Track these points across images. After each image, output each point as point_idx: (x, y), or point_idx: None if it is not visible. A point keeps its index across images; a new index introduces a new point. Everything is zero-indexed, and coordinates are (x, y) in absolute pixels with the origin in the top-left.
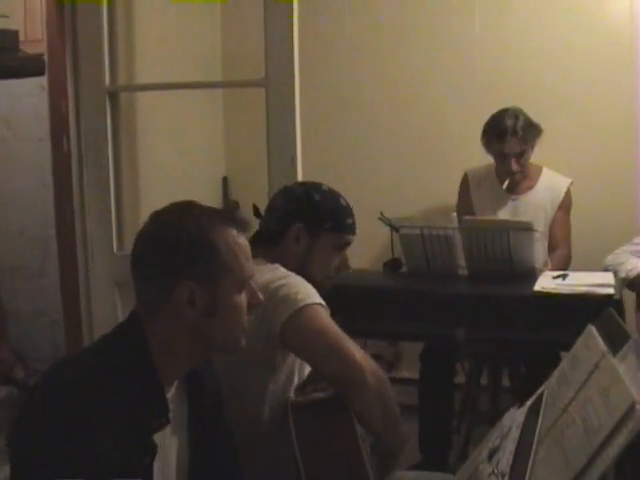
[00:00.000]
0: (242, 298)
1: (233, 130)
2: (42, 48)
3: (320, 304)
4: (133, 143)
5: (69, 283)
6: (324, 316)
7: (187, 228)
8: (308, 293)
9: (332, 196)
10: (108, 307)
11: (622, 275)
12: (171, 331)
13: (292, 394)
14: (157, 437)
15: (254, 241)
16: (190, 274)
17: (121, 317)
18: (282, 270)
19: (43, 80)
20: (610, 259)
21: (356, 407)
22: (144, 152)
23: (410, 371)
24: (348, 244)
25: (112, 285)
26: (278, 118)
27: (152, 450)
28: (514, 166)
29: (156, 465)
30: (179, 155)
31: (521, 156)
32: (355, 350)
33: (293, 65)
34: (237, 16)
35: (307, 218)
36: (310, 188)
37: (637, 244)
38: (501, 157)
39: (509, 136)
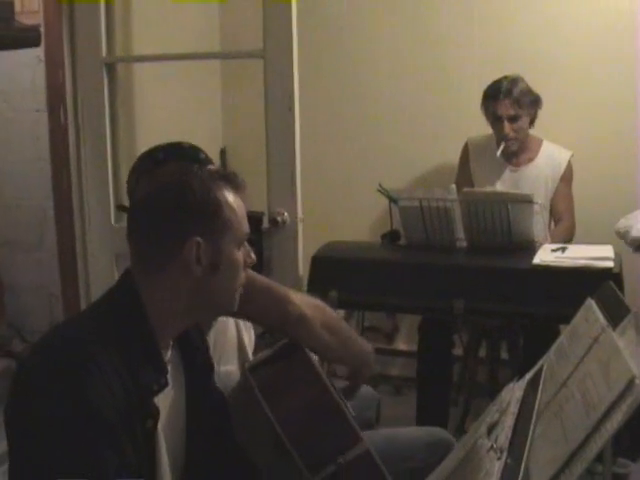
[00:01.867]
0: (240, 255)
1: (231, 102)
2: (38, 19)
3: None
4: (130, 114)
5: (67, 256)
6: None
7: (192, 185)
8: None
9: None
10: (106, 280)
11: (633, 234)
12: (174, 289)
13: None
14: (157, 400)
15: None
16: (196, 231)
17: None
18: None
19: (39, 51)
20: (622, 221)
21: (306, 341)
22: (141, 123)
23: (408, 343)
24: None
25: (110, 257)
26: (276, 90)
27: (154, 413)
28: (507, 129)
29: (159, 427)
30: (177, 127)
31: (515, 120)
32: (283, 289)
33: (292, 36)
34: None
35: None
36: None
37: None
38: (496, 121)
39: (502, 96)
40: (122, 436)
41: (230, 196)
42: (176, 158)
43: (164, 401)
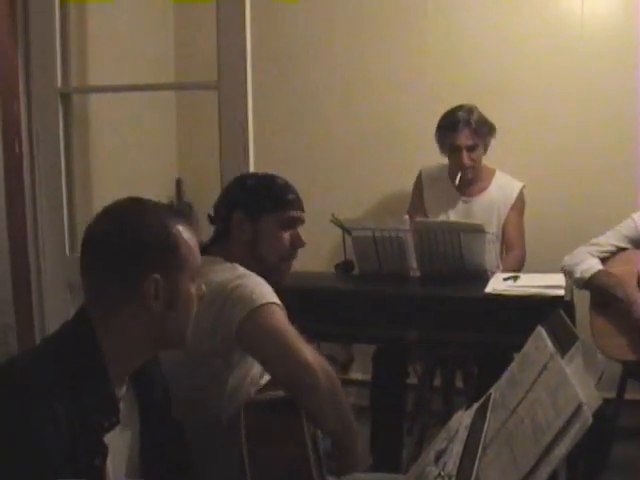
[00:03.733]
0: (194, 289)
1: (186, 132)
2: None
3: (275, 303)
4: (85, 145)
5: (21, 286)
6: (279, 316)
7: (149, 222)
8: (264, 293)
9: (266, 178)
10: (61, 309)
11: (577, 275)
12: (131, 325)
13: (252, 393)
14: (108, 437)
15: (211, 245)
16: (154, 267)
17: None
18: (240, 270)
19: None
20: (567, 259)
21: (309, 409)
22: (97, 154)
23: (363, 373)
24: (295, 220)
25: (64, 287)
26: (230, 121)
27: (103, 451)
28: (466, 159)
29: (109, 465)
30: (132, 157)
31: (473, 150)
32: (307, 351)
33: (246, 68)
34: (190, 18)
35: (244, 204)
36: (242, 176)
37: (595, 244)
38: (453, 151)
39: (462, 126)
40: (66, 474)
41: (185, 231)
42: (265, 191)
43: (116, 438)
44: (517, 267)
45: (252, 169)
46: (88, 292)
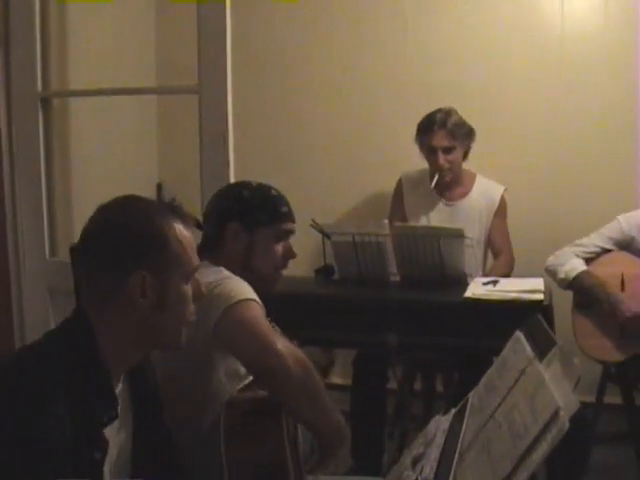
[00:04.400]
0: (189, 289)
1: (167, 136)
2: None
3: (254, 300)
4: (66, 149)
5: (1, 290)
6: (255, 311)
7: (138, 219)
8: (242, 291)
9: (261, 189)
10: (40, 314)
11: (561, 276)
12: (122, 322)
13: (234, 392)
14: (106, 432)
15: (199, 251)
16: (142, 265)
17: (53, 324)
18: (225, 272)
19: None
20: (551, 259)
21: (281, 397)
22: (77, 158)
23: (344, 377)
24: (288, 232)
25: (44, 292)
26: (211, 125)
27: (103, 446)
28: (441, 160)
29: (106, 460)
30: (113, 161)
31: (449, 152)
32: (280, 343)
33: (226, 72)
34: (171, 22)
35: (240, 216)
36: (238, 186)
37: (579, 245)
38: (430, 152)
39: (437, 128)
40: (68, 467)
41: (178, 229)
42: (261, 203)
43: (111, 434)
44: (508, 271)
45: (232, 173)
46: (83, 289)
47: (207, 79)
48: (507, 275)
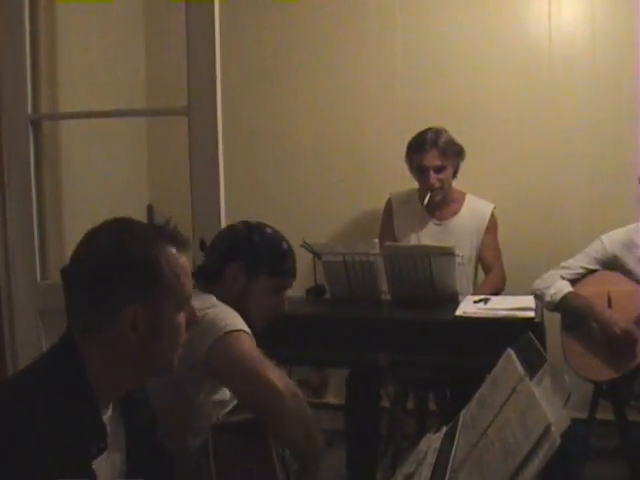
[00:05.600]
0: (182, 318)
1: (157, 158)
2: None
3: (245, 331)
4: (56, 171)
5: None
6: (247, 343)
7: (129, 249)
8: (233, 321)
9: (273, 239)
10: (32, 336)
11: (547, 299)
12: (111, 355)
13: (220, 416)
14: (96, 462)
15: (196, 275)
16: (134, 297)
17: (45, 347)
18: (213, 299)
19: None
20: (538, 283)
21: (277, 432)
22: (68, 181)
23: (337, 397)
24: (285, 288)
25: (36, 314)
26: (201, 146)
27: (91, 478)
28: (433, 179)
29: None
30: (103, 183)
31: (440, 171)
32: (274, 376)
33: (215, 93)
34: (160, 44)
35: (246, 259)
36: (253, 228)
37: (565, 267)
38: (421, 172)
39: (429, 147)
40: None
41: (172, 256)
42: (269, 253)
43: (103, 463)
44: (499, 287)
45: (222, 194)
46: (72, 314)
47: (196, 100)
48: (499, 290)
